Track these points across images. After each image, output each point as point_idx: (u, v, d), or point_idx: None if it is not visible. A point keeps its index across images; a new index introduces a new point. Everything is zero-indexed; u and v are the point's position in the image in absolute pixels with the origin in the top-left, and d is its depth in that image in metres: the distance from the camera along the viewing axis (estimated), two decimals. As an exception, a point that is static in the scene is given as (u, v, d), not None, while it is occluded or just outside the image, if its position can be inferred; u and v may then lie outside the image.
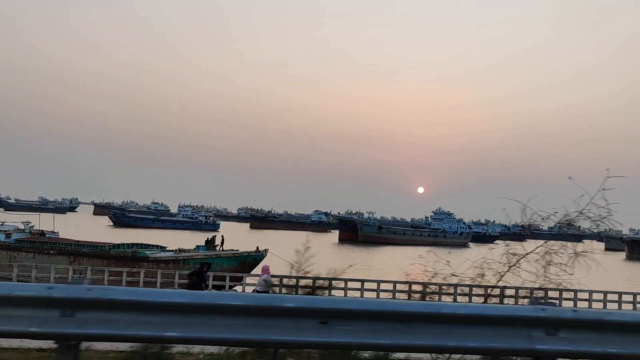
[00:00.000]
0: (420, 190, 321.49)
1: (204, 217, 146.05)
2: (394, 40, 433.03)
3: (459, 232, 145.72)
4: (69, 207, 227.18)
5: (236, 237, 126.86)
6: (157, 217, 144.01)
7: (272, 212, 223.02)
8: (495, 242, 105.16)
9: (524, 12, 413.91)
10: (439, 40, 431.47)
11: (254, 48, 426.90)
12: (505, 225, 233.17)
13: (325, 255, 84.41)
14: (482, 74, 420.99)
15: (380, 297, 33.53)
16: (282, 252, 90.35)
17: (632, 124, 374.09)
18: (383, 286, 33.67)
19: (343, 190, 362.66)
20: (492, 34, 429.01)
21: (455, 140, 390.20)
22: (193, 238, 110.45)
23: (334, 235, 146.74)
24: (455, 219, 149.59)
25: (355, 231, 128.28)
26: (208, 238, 42.29)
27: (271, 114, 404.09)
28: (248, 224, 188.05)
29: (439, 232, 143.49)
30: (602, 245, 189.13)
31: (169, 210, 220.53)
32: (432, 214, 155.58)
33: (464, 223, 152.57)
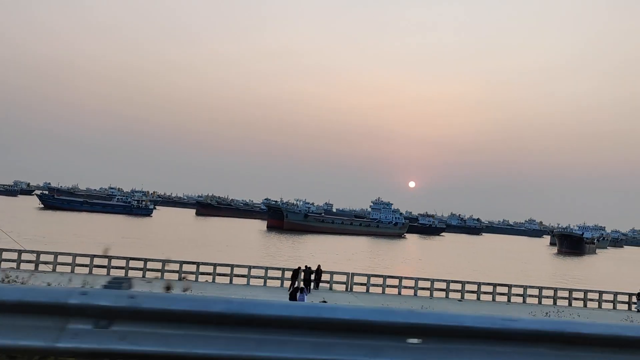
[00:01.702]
0: (412, 184, 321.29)
1: (136, 202, 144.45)
2: (378, 36, 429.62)
3: (394, 223, 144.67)
4: (21, 190, 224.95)
5: (166, 222, 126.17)
6: (86, 201, 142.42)
7: (228, 199, 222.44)
8: (442, 234, 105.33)
9: (511, 9, 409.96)
10: (427, 36, 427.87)
11: (233, 38, 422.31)
12: (462, 219, 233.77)
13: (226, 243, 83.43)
14: (462, 71, 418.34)
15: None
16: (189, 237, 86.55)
17: (608, 121, 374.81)
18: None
19: (327, 182, 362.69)
20: (479, 32, 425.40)
21: (444, 135, 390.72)
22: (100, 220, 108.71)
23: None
24: (391, 209, 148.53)
25: (282, 218, 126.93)
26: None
27: (258, 104, 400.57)
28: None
29: (372, 222, 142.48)
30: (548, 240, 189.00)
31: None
32: (371, 204, 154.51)
33: (400, 214, 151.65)
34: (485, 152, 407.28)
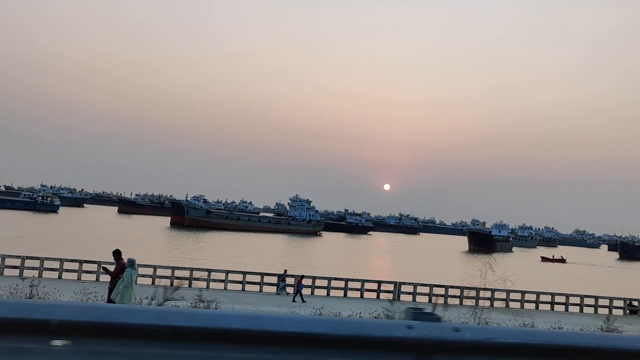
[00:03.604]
0: (387, 187, 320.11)
1: (41, 198, 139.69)
2: (365, 36, 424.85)
3: (307, 220, 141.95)
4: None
5: (70, 219, 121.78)
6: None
7: (167, 198, 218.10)
8: (369, 233, 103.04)
9: (493, 12, 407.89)
10: (409, 37, 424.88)
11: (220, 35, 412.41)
12: (399, 218, 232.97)
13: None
14: (448, 73, 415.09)
15: None
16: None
17: (586, 127, 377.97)
18: None
19: (297, 184, 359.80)
20: (462, 34, 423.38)
21: (420, 137, 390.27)
22: None
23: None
24: (306, 207, 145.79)
25: (184, 215, 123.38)
26: None
27: (225, 106, 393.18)
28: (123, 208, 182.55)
29: (283, 219, 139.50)
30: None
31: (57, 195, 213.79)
32: (289, 201, 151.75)
33: (316, 212, 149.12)
34: (460, 155, 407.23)
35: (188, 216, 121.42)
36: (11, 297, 17.45)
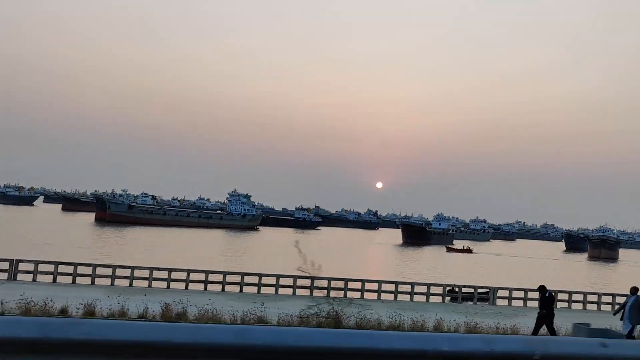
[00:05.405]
0: (379, 185, 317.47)
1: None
2: (348, 31, 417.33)
3: (242, 215, 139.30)
4: None
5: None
6: None
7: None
8: (318, 228, 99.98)
9: (484, 4, 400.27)
10: (396, 32, 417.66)
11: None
12: (358, 213, 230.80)
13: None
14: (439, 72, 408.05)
15: None
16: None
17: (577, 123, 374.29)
18: None
19: (287, 183, 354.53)
20: (451, 27, 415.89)
21: (411, 134, 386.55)
22: None
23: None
24: (242, 201, 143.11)
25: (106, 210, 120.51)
26: None
27: (214, 104, 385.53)
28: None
29: (215, 214, 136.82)
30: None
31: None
32: (228, 196, 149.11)
33: (254, 206, 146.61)
34: (458, 152, 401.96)
35: (110, 211, 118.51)
36: None
